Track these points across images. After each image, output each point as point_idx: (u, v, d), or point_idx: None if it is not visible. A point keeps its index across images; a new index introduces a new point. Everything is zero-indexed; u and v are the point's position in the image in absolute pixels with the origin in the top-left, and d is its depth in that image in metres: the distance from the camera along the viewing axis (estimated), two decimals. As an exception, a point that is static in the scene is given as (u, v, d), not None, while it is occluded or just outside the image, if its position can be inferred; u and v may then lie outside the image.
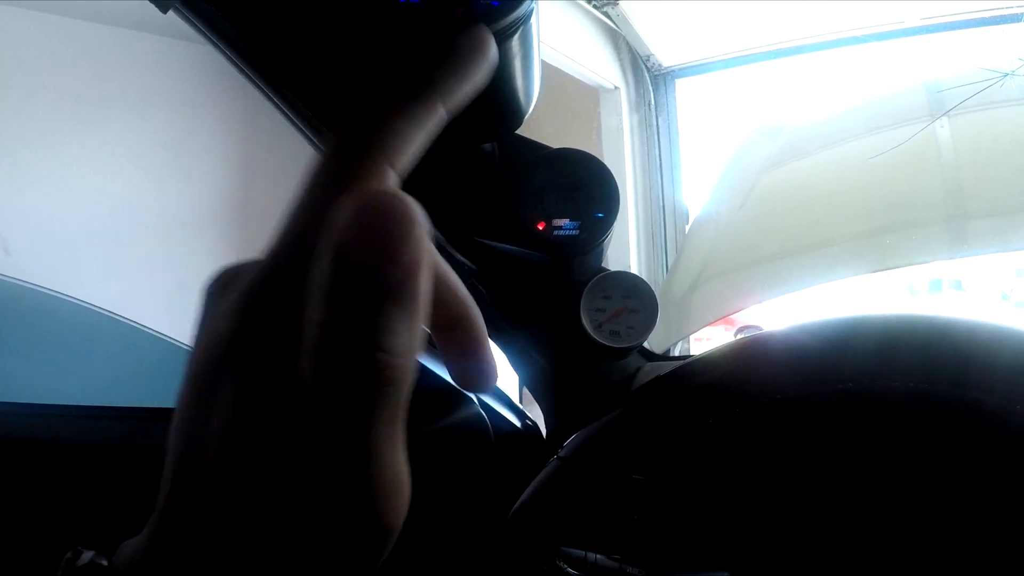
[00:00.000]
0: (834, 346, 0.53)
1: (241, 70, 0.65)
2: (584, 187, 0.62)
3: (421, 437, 0.91)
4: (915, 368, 0.51)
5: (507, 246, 0.66)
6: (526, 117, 0.56)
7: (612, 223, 0.62)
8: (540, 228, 0.62)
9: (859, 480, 0.68)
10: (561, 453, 0.60)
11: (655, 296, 0.74)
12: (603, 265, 0.75)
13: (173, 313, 3.37)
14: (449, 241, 0.69)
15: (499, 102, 0.49)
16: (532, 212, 0.62)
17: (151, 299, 3.48)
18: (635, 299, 0.74)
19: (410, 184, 0.65)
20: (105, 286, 3.25)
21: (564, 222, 0.62)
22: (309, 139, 0.70)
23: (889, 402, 0.65)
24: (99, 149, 3.54)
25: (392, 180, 0.28)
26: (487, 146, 0.64)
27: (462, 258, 0.71)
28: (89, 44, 3.50)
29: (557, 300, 0.75)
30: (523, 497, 0.61)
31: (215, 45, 0.64)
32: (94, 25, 3.49)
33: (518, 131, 0.64)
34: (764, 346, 0.57)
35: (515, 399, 1.04)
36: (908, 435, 0.66)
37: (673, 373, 0.60)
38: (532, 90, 0.53)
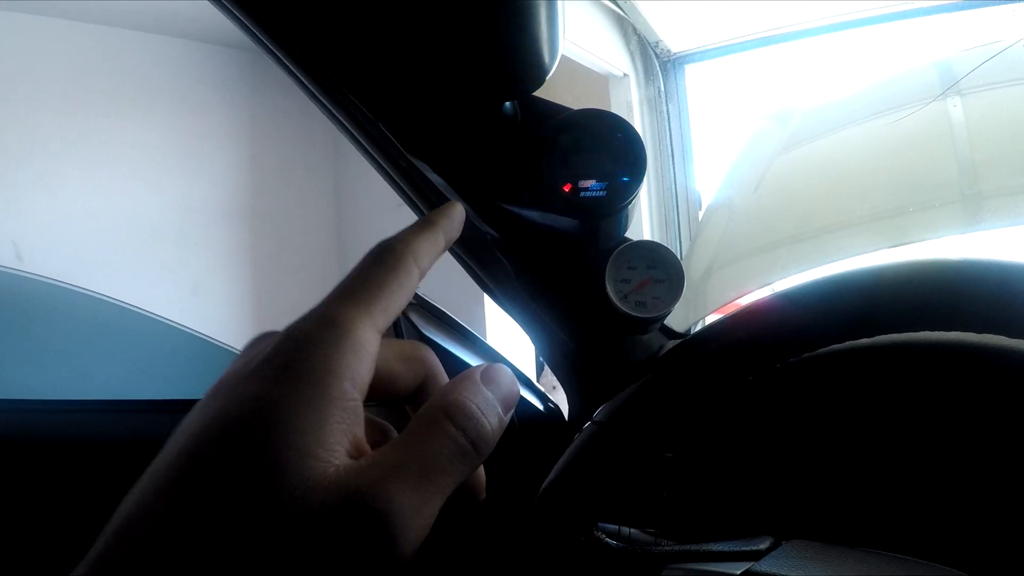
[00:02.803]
0: (868, 295, 0.52)
1: (275, 55, 0.64)
2: (610, 148, 0.61)
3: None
4: (950, 314, 0.49)
5: (532, 213, 0.65)
6: (549, 74, 0.55)
7: (640, 183, 0.61)
8: (566, 190, 0.61)
9: (898, 434, 0.67)
10: (597, 418, 0.59)
11: (680, 266, 0.73)
12: (627, 236, 0.74)
13: (189, 314, 3.39)
14: (474, 209, 0.68)
15: (523, 56, 0.48)
16: (558, 174, 0.61)
17: (166, 300, 3.50)
18: (660, 269, 0.72)
19: (435, 152, 0.64)
20: (120, 288, 3.27)
21: (590, 183, 0.61)
22: (340, 120, 0.68)
23: (920, 351, 0.64)
24: (111, 152, 3.56)
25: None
26: (509, 110, 0.63)
27: (487, 228, 0.70)
28: (98, 48, 3.51)
29: (581, 271, 0.74)
30: (559, 464, 0.59)
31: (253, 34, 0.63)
32: (103, 28, 3.50)
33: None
34: (794, 301, 0.55)
35: (531, 371, 1.03)
36: (939, 384, 0.65)
37: (699, 335, 0.59)
38: (556, 46, 0.52)
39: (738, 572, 0.52)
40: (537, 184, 0.62)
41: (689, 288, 0.70)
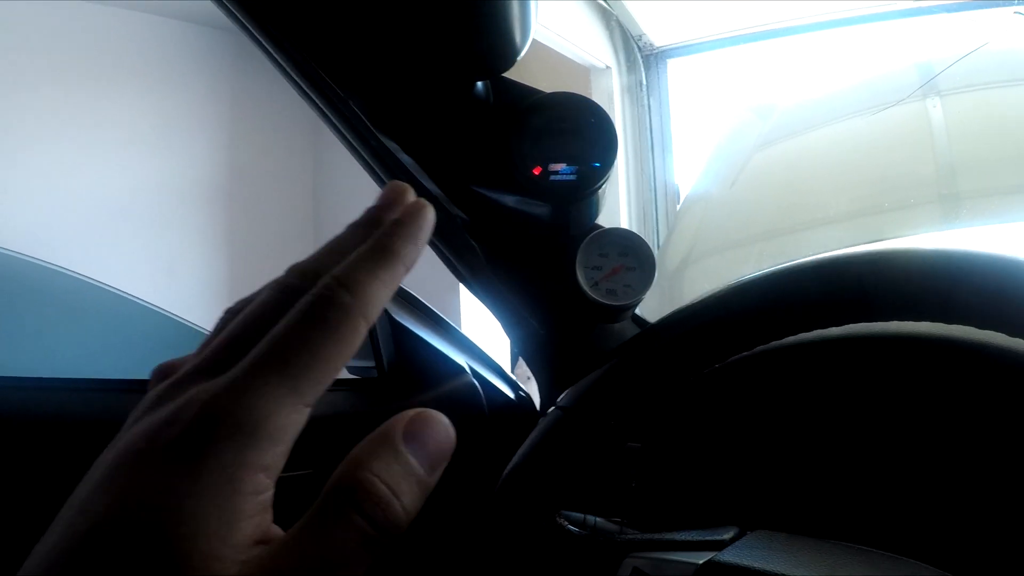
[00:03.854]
0: (833, 283, 0.51)
1: (248, 31, 0.63)
2: (581, 131, 0.61)
3: (413, 406, 0.90)
4: (928, 303, 0.49)
5: (503, 196, 0.64)
6: (520, 55, 0.54)
7: (610, 167, 0.61)
8: (536, 173, 0.60)
9: (865, 424, 0.67)
10: (560, 403, 0.59)
11: (652, 254, 0.72)
12: (599, 223, 0.74)
13: (164, 294, 3.36)
14: (445, 192, 0.67)
15: (495, 33, 0.47)
16: (528, 157, 0.60)
17: (141, 281, 3.46)
18: (632, 257, 0.72)
19: (406, 132, 0.63)
20: (94, 268, 3.23)
21: (561, 167, 0.61)
22: (311, 98, 0.67)
23: (886, 342, 0.64)
24: (85, 131, 3.51)
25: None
26: (481, 92, 0.62)
27: (457, 210, 0.69)
28: (73, 24, 3.46)
29: (552, 257, 0.73)
30: (522, 449, 0.59)
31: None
32: (77, 4, 3.44)
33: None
34: (765, 287, 0.55)
35: (506, 364, 1.03)
36: (914, 375, 0.65)
37: (667, 319, 0.58)
38: (528, 24, 0.51)
39: (700, 562, 0.52)
40: (507, 166, 0.61)
41: (664, 280, 0.70)
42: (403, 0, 0.51)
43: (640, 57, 3.87)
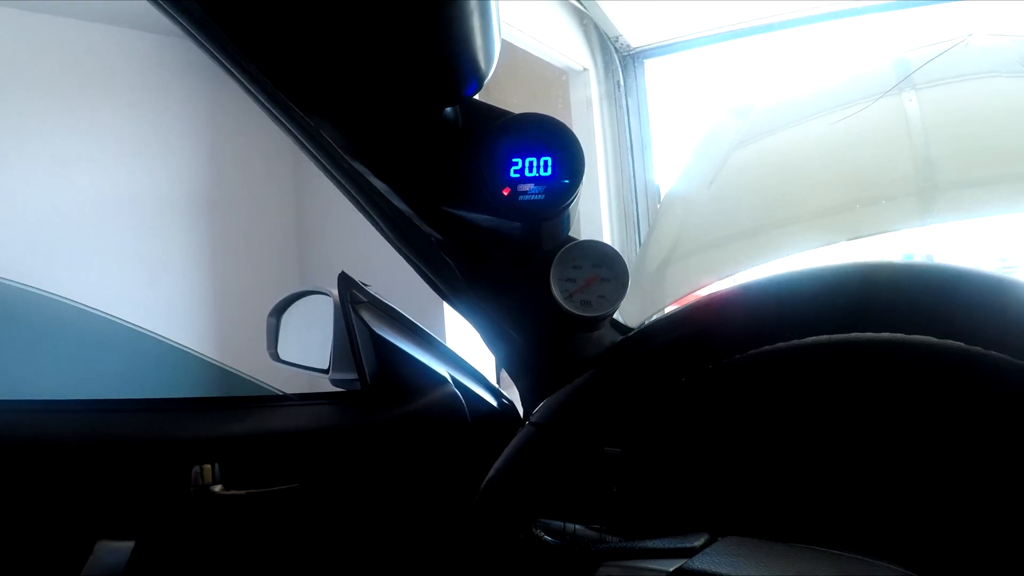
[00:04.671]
0: (816, 296, 0.53)
1: (219, 61, 0.64)
2: (549, 152, 0.62)
3: (397, 418, 0.91)
4: (904, 317, 0.50)
5: (474, 216, 0.65)
6: (486, 80, 0.56)
7: (578, 186, 0.62)
8: (505, 194, 0.61)
9: (840, 432, 0.68)
10: (533, 418, 0.60)
11: (626, 264, 0.73)
12: (572, 235, 0.75)
13: (146, 306, 3.34)
14: (417, 212, 0.68)
15: (459, 61, 0.49)
16: (497, 178, 0.61)
17: (122, 293, 3.45)
18: (606, 268, 0.73)
19: (376, 157, 0.64)
20: (76, 281, 3.21)
21: (529, 187, 0.62)
22: (283, 124, 0.68)
23: (864, 352, 0.65)
24: (65, 143, 3.48)
25: None
26: (450, 114, 0.63)
27: (431, 230, 0.70)
28: (52, 37, 3.44)
29: (527, 271, 0.74)
30: (497, 464, 0.60)
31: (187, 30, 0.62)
32: (56, 18, 3.43)
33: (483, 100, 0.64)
34: (735, 300, 0.56)
35: (493, 381, 1.03)
36: (884, 384, 0.66)
37: (642, 331, 0.60)
38: (492, 51, 0.53)
39: (670, 569, 0.53)
40: (477, 187, 0.62)
41: (646, 279, 0.70)
42: (369, 31, 0.52)
43: (617, 58, 3.88)
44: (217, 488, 0.79)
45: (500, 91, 0.64)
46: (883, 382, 0.67)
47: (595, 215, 3.55)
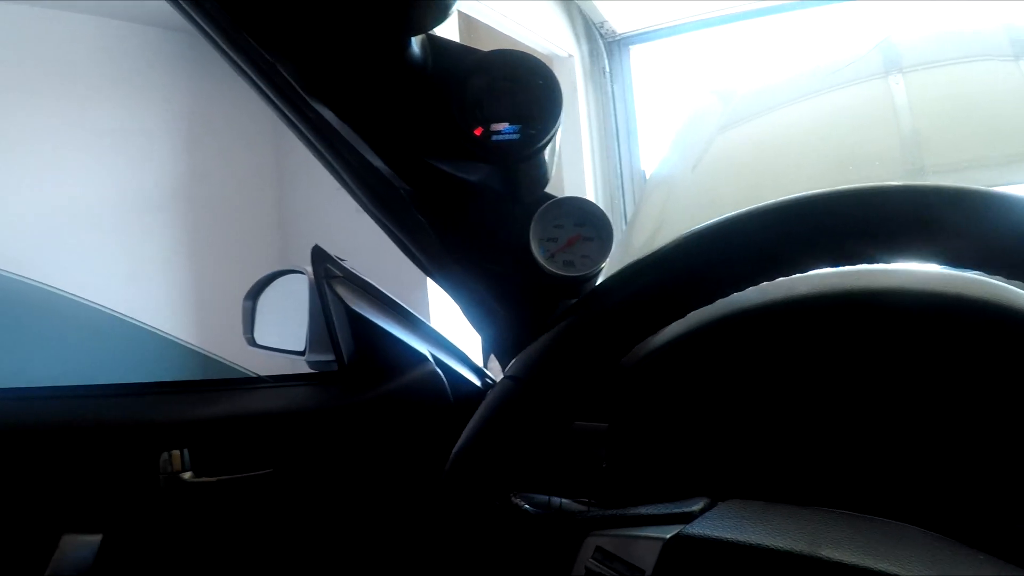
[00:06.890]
0: (771, 230, 0.48)
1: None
2: (522, 90, 0.58)
3: (375, 399, 0.87)
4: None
5: (447, 164, 0.61)
6: (451, 9, 0.52)
7: (554, 124, 0.58)
8: (478, 134, 0.57)
9: (837, 386, 0.65)
10: (509, 372, 0.55)
11: (610, 222, 0.70)
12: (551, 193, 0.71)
13: (127, 301, 3.29)
14: (387, 163, 0.64)
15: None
16: (469, 117, 0.57)
17: (104, 288, 3.39)
18: (589, 226, 0.69)
19: (343, 102, 0.60)
20: (56, 276, 3.16)
21: (503, 126, 0.58)
22: (241, 66, 0.64)
23: (859, 302, 0.63)
24: (42, 137, 3.43)
25: None
26: (419, 55, 0.59)
27: (400, 182, 0.66)
28: (21, 28, 3.38)
29: (506, 230, 0.70)
30: (471, 424, 0.55)
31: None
32: (28, 7, 3.36)
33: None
34: (708, 240, 0.51)
35: (478, 362, 1.00)
36: (880, 335, 0.64)
37: (619, 274, 0.54)
38: None
39: (667, 536, 0.49)
40: (449, 130, 0.58)
41: (630, 256, 0.67)
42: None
43: (603, 44, 3.86)
44: (187, 475, 0.76)
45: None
46: (879, 332, 0.65)
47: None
